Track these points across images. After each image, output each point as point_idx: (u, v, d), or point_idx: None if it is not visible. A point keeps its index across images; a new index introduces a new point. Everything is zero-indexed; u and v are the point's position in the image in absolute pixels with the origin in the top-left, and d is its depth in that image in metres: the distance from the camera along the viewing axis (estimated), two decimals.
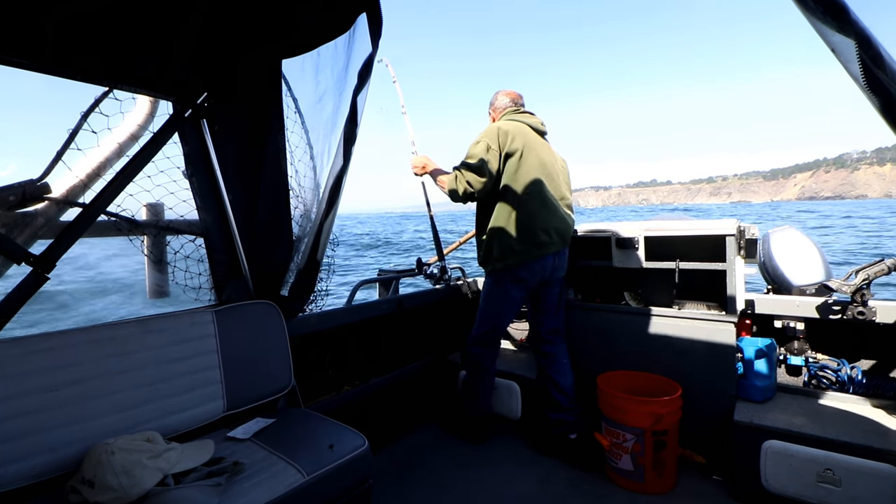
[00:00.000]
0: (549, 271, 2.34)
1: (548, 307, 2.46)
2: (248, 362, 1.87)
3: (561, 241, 2.34)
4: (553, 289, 2.44)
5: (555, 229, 2.30)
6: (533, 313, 2.52)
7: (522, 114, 2.47)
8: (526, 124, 2.40)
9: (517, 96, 2.54)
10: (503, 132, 2.27)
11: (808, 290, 2.32)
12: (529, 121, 2.43)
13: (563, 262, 2.42)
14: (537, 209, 2.26)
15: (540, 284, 2.39)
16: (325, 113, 2.00)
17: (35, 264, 1.53)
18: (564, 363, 2.44)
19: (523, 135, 2.31)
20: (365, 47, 1.75)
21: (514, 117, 2.44)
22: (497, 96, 2.57)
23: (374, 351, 2.70)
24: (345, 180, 1.87)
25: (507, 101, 2.52)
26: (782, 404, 2.05)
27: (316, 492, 1.46)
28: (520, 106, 2.52)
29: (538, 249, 2.25)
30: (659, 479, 2.02)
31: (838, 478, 1.69)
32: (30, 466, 1.33)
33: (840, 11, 0.82)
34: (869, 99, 0.86)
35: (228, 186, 1.99)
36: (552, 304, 2.46)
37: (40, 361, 1.40)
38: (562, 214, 2.36)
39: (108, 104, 1.75)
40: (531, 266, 2.27)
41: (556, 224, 2.31)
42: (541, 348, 2.48)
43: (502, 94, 2.55)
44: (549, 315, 2.46)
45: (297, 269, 2.09)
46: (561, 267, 2.41)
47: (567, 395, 2.37)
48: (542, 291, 2.43)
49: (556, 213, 2.33)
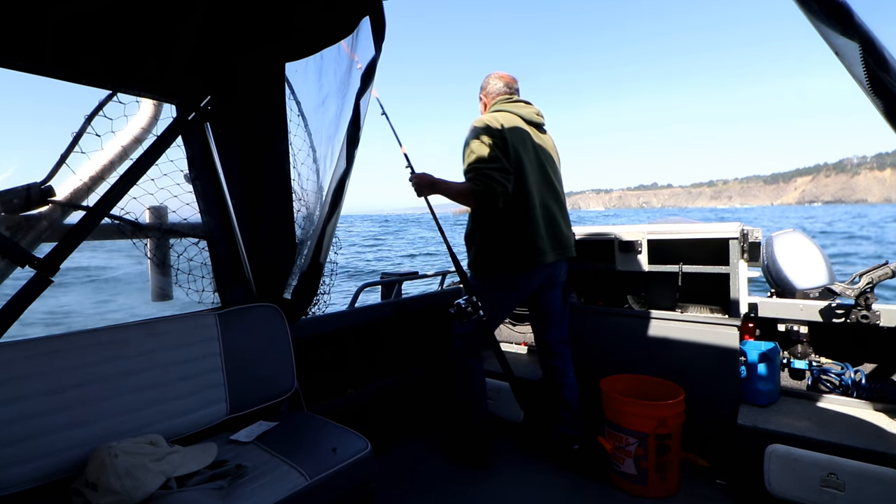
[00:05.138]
0: (547, 278, 2.23)
1: (552, 315, 2.33)
2: (251, 365, 1.87)
3: (560, 251, 2.20)
4: (555, 293, 2.31)
5: (553, 238, 2.17)
6: (537, 324, 2.40)
7: (515, 103, 2.24)
8: (518, 116, 2.19)
9: (511, 80, 2.31)
10: (497, 130, 2.06)
11: (811, 293, 2.32)
12: (523, 111, 2.21)
13: (563, 268, 2.30)
14: (535, 216, 2.11)
15: (539, 291, 2.27)
16: (328, 116, 2.01)
17: (39, 267, 1.54)
18: (571, 377, 2.35)
19: (516, 131, 2.12)
20: (368, 50, 1.75)
21: (506, 107, 2.21)
22: (489, 80, 2.33)
23: (377, 354, 2.69)
24: (348, 183, 1.87)
25: (501, 86, 2.29)
26: (786, 408, 2.04)
27: (319, 495, 1.45)
28: (514, 92, 2.30)
29: (535, 259, 2.10)
30: (662, 482, 2.01)
31: (842, 482, 1.68)
32: (33, 469, 1.33)
33: (844, 14, 0.82)
34: (873, 102, 0.86)
35: (231, 189, 2.00)
36: (557, 311, 2.34)
37: (44, 364, 1.41)
38: (561, 222, 2.23)
39: (112, 108, 1.75)
40: (528, 275, 2.14)
41: (556, 232, 2.19)
42: (550, 362, 2.37)
43: (495, 77, 2.32)
44: (554, 323, 2.34)
45: (299, 272, 2.09)
46: (561, 273, 2.29)
47: (572, 411, 2.31)
48: (544, 297, 2.30)
49: (555, 221, 2.20)
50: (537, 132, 2.25)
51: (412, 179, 2.23)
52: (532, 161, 2.15)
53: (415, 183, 2.22)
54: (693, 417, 2.11)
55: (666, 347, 2.29)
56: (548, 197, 2.20)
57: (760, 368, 2.08)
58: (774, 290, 2.51)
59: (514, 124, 2.13)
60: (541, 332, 2.40)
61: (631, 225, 2.56)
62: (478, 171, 2.01)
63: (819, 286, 2.31)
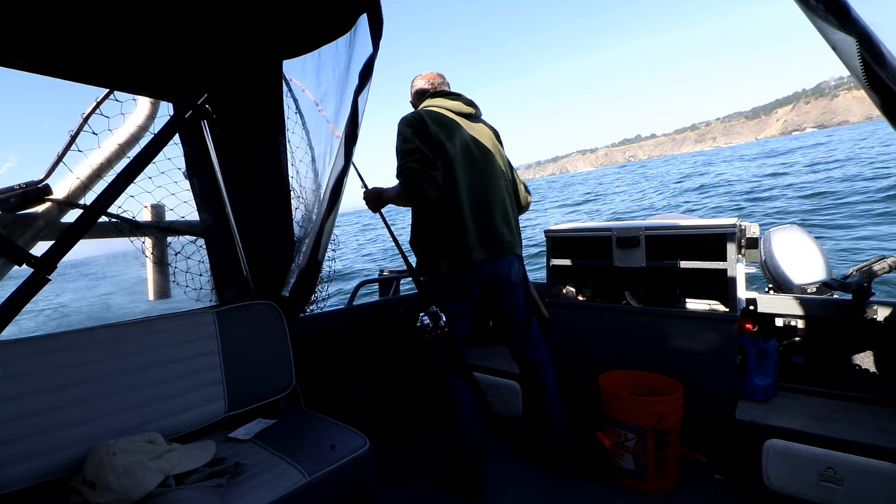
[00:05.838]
0: (488, 280, 2.08)
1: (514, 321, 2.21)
2: (249, 363, 1.87)
3: (491, 249, 2.05)
4: (510, 297, 2.17)
5: (484, 234, 2.04)
6: (504, 332, 2.28)
7: (440, 97, 2.16)
8: (443, 108, 2.10)
9: (434, 76, 2.26)
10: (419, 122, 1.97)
11: (809, 288, 2.32)
12: (449, 104, 2.13)
13: (508, 267, 2.13)
14: (463, 211, 1.99)
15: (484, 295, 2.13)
16: (326, 113, 2.01)
17: (36, 266, 1.54)
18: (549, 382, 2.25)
19: (440, 122, 2.02)
20: (366, 48, 1.75)
21: (430, 103, 2.14)
22: (412, 83, 2.30)
23: (376, 351, 2.70)
24: (346, 181, 1.87)
25: (423, 84, 2.24)
26: (784, 403, 2.05)
27: (317, 492, 1.46)
28: (437, 87, 2.22)
29: (460, 257, 1.98)
30: (660, 478, 2.02)
31: (840, 476, 1.68)
32: (32, 467, 1.33)
33: (841, 9, 0.82)
34: (870, 96, 0.86)
35: (229, 187, 1.99)
36: (518, 317, 2.20)
37: (42, 363, 1.41)
38: (497, 217, 2.09)
39: (109, 106, 1.76)
40: (459, 276, 2.01)
41: (488, 229, 2.05)
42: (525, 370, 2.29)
43: (418, 78, 2.28)
44: (517, 329, 2.23)
45: (298, 270, 2.09)
46: (508, 272, 2.12)
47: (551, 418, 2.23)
48: (496, 302, 2.16)
49: (488, 216, 2.06)
50: (468, 122, 2.15)
51: (364, 197, 2.16)
52: (460, 152, 2.03)
53: (367, 199, 2.15)
54: (691, 413, 2.12)
55: (664, 343, 2.29)
56: (482, 190, 2.07)
57: (758, 364, 2.08)
58: (772, 285, 2.52)
59: (437, 117, 2.03)
60: (509, 340, 2.29)
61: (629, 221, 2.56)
62: (401, 167, 1.92)
63: (817, 281, 2.32)
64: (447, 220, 1.99)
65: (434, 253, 2.02)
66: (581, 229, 2.64)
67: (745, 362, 2.10)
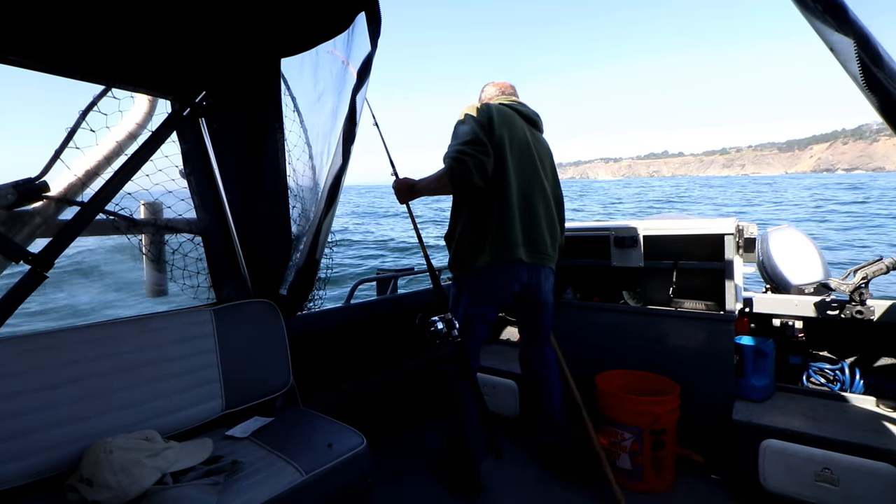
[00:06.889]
0: (526, 286, 2.04)
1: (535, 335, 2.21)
2: (246, 361, 1.87)
3: (534, 254, 2.00)
4: (540, 314, 2.16)
5: (530, 237, 2.00)
6: (523, 335, 2.29)
7: (511, 98, 2.19)
8: (513, 109, 2.09)
9: (506, 86, 2.27)
10: (485, 109, 1.95)
11: (806, 289, 2.33)
12: (519, 107, 2.13)
13: (544, 279, 2.09)
14: (511, 204, 1.94)
15: (521, 301, 2.11)
16: (324, 112, 2.00)
17: (33, 263, 1.53)
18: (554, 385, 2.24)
19: (506, 116, 2.00)
20: (364, 46, 1.74)
21: (502, 100, 2.15)
22: (485, 88, 2.31)
23: (373, 349, 2.69)
24: (344, 179, 1.86)
25: (495, 91, 2.25)
26: (780, 403, 2.05)
27: (314, 490, 1.46)
28: (508, 96, 2.23)
29: (507, 250, 1.93)
30: (657, 478, 2.02)
31: (836, 477, 1.69)
32: (28, 465, 1.32)
33: (839, 10, 0.82)
34: (867, 98, 0.86)
35: (227, 185, 1.99)
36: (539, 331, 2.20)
37: (39, 360, 1.40)
38: (543, 226, 2.05)
39: (107, 103, 1.75)
40: (503, 270, 1.96)
41: (534, 233, 2.01)
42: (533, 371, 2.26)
43: (490, 85, 2.29)
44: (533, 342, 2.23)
45: (295, 268, 2.09)
46: (540, 284, 2.08)
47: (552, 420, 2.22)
48: (529, 312, 2.17)
49: (536, 222, 2.02)
50: (533, 129, 2.17)
51: (393, 185, 2.14)
52: (517, 151, 2.00)
53: (396, 190, 2.13)
54: (688, 413, 2.12)
55: (661, 343, 2.30)
56: (531, 192, 2.03)
57: (755, 364, 2.08)
58: (769, 285, 2.52)
59: (504, 112, 2.02)
60: (522, 347, 2.30)
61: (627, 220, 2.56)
62: (451, 148, 1.88)
63: (814, 282, 2.32)
64: (495, 212, 1.93)
65: (475, 245, 1.95)
66: (579, 229, 2.64)
67: (743, 362, 2.11)
